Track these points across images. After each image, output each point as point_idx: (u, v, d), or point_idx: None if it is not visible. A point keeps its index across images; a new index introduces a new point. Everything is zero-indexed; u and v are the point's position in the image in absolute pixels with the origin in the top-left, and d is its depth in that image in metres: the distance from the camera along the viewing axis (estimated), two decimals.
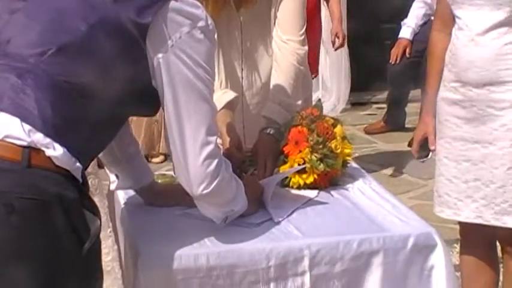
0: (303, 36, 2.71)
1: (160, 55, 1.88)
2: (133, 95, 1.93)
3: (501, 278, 3.04)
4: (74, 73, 1.85)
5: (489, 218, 2.80)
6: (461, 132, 2.82)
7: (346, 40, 5.60)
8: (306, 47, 2.74)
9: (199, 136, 1.92)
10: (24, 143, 1.77)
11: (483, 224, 2.84)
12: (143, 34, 1.86)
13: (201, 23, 1.90)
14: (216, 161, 1.94)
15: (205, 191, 1.94)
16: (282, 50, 2.69)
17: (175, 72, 1.90)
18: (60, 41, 1.85)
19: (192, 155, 1.92)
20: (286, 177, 2.46)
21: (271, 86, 2.70)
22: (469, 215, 2.84)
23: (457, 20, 2.79)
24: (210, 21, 1.94)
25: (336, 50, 5.80)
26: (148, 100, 1.97)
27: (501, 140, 2.74)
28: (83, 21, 1.86)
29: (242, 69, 2.77)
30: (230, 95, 2.66)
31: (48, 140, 1.79)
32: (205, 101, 1.94)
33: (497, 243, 3.01)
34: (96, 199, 2.53)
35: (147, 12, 1.85)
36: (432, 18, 5.39)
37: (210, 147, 1.93)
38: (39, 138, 1.79)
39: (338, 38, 5.41)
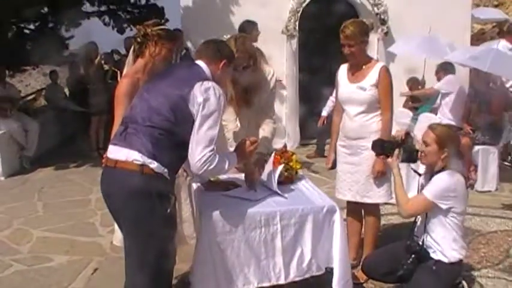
0: (274, 119, 2.62)
1: (196, 108, 1.81)
2: (190, 132, 1.83)
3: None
4: (161, 127, 1.80)
5: (358, 199, 2.77)
6: (346, 159, 2.79)
7: None
8: (276, 124, 2.64)
9: (200, 147, 1.81)
10: (140, 162, 1.77)
11: (356, 202, 2.81)
12: (186, 100, 1.80)
13: (211, 92, 1.82)
14: (206, 157, 1.80)
15: (200, 172, 1.85)
16: (264, 125, 2.60)
17: (202, 116, 1.81)
18: (151, 113, 1.82)
19: (193, 154, 1.82)
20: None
21: (259, 140, 2.49)
22: (349, 198, 2.81)
23: (344, 110, 2.77)
24: (218, 93, 1.83)
25: None
26: None
27: (363, 164, 2.71)
28: (160, 103, 1.82)
29: (246, 132, 2.59)
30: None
31: (150, 160, 1.78)
32: (211, 129, 1.83)
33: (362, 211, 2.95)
34: (183, 187, 2.51)
35: (186, 89, 1.81)
36: None
37: (204, 152, 1.81)
38: (147, 159, 1.78)
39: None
